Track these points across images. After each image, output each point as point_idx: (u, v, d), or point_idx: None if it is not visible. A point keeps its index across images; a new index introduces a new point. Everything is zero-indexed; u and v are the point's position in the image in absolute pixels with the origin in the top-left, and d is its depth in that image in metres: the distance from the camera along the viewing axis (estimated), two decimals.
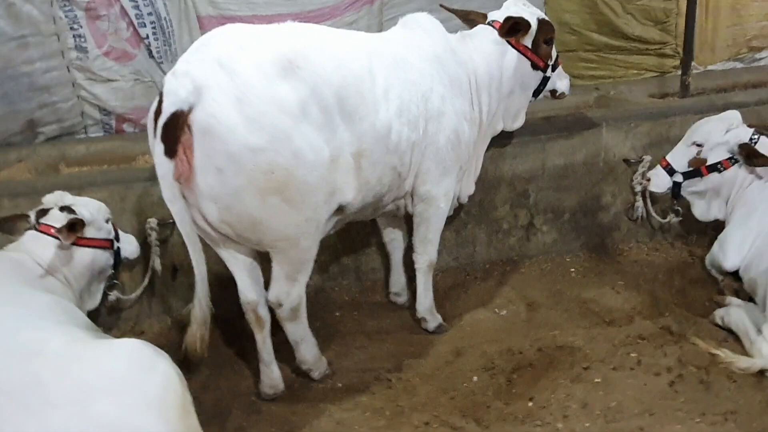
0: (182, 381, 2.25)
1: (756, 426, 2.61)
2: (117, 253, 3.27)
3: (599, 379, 2.91)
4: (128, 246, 3.37)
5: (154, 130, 2.50)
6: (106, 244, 3.18)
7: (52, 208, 3.03)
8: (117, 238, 3.29)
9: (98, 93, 4.66)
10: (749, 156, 3.50)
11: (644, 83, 5.63)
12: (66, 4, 4.45)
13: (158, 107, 2.51)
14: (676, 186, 3.77)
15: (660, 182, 3.84)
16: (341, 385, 3.17)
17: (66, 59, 4.56)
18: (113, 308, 3.62)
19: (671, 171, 3.78)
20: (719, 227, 3.77)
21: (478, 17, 3.59)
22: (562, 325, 3.48)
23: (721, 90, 5.21)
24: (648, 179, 3.93)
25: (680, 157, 3.76)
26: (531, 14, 3.49)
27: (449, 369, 3.20)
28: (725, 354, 2.93)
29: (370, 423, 2.86)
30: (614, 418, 2.67)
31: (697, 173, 3.68)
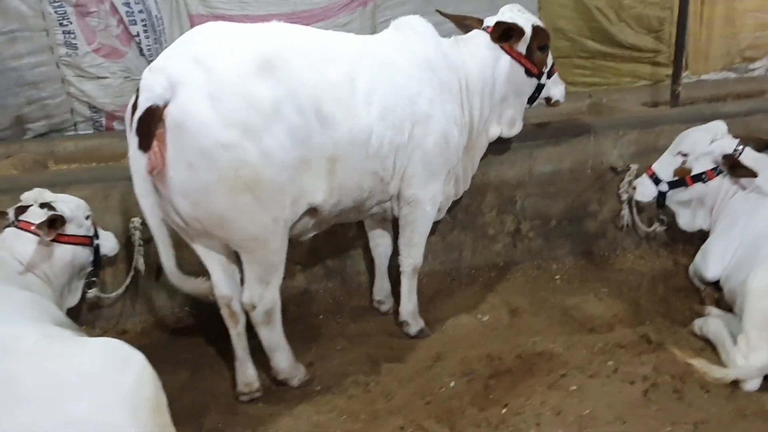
0: (156, 380, 2.24)
1: None
2: (96, 251, 3.28)
3: (575, 387, 2.89)
4: (107, 243, 3.38)
5: (131, 125, 2.53)
6: (87, 241, 3.19)
7: (32, 205, 3.04)
8: (96, 236, 3.29)
9: (88, 90, 4.68)
10: (733, 167, 3.50)
11: (637, 91, 5.65)
12: (55, 0, 4.46)
13: (135, 102, 2.56)
14: (662, 195, 3.77)
15: (646, 191, 3.84)
16: (319, 388, 3.16)
17: (55, 55, 4.58)
18: (95, 306, 3.63)
19: (657, 180, 3.78)
20: (706, 237, 3.76)
21: (474, 22, 3.58)
22: (543, 332, 3.46)
23: (713, 100, 5.21)
24: (634, 188, 3.94)
25: (666, 167, 3.76)
26: (526, 21, 3.47)
27: (428, 374, 3.19)
28: (700, 364, 2.93)
29: (346, 426, 2.86)
30: (587, 425, 2.66)
31: (682, 183, 3.68)
